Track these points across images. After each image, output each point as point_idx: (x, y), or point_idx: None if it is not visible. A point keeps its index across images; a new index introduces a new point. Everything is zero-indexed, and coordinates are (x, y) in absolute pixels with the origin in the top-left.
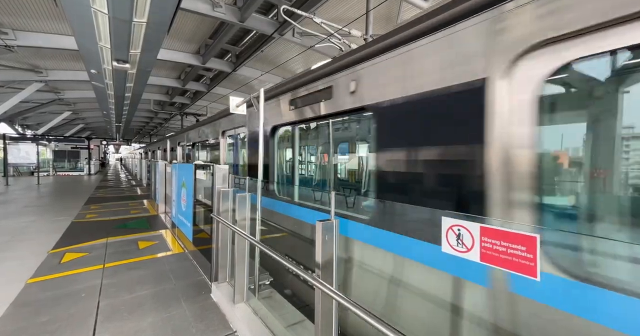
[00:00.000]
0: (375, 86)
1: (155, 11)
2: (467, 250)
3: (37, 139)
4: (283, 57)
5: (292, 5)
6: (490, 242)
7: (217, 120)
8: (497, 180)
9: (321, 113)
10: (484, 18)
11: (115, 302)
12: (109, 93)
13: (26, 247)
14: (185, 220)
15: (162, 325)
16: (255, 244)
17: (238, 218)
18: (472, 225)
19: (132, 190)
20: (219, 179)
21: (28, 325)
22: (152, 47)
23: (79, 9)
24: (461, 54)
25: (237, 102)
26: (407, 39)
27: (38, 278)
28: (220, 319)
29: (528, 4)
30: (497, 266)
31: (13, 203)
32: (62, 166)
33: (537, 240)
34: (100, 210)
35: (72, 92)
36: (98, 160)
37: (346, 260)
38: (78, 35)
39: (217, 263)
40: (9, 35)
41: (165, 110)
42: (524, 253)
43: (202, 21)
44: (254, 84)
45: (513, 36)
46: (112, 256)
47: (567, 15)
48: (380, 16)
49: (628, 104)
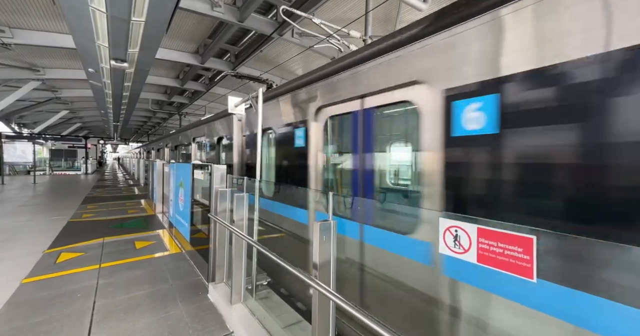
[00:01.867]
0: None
1: (153, 10)
2: (464, 251)
3: (33, 138)
4: (282, 57)
5: (291, 6)
6: (488, 243)
7: (188, 129)
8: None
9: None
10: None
11: (111, 302)
12: (107, 92)
13: (21, 247)
14: (183, 220)
15: (159, 326)
16: (253, 244)
17: (235, 219)
18: (469, 226)
19: (130, 189)
20: (216, 179)
21: (23, 325)
22: (150, 46)
23: (77, 8)
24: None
25: (236, 101)
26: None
27: (33, 278)
28: (217, 320)
29: (319, 88)
30: (494, 267)
31: (8, 203)
32: (58, 165)
33: (533, 241)
34: (96, 209)
35: (69, 91)
36: (95, 159)
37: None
38: (76, 34)
39: (214, 264)
40: (6, 33)
41: (163, 109)
42: (521, 255)
43: (201, 21)
44: (253, 84)
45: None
46: (109, 256)
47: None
48: (379, 17)
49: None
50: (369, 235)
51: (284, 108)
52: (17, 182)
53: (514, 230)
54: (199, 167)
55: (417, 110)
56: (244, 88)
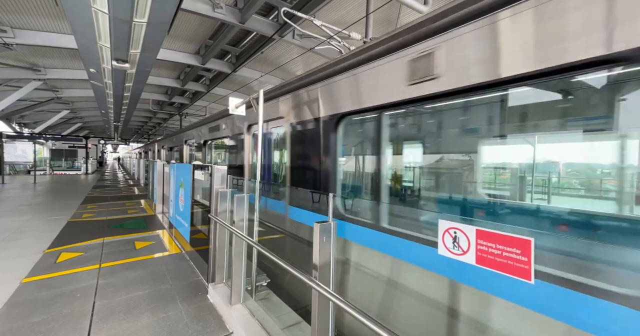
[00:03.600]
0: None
1: (155, 11)
2: (463, 252)
3: (34, 137)
4: (283, 58)
5: (292, 8)
6: (486, 244)
7: (180, 133)
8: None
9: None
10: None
11: (111, 302)
12: (108, 92)
13: (21, 246)
14: (183, 220)
15: (158, 326)
16: (253, 245)
17: (236, 219)
18: (468, 228)
19: (130, 189)
20: (217, 180)
21: (22, 325)
22: (152, 47)
23: (79, 8)
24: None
25: (237, 102)
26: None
27: (33, 278)
28: (217, 320)
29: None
30: (492, 269)
31: (8, 202)
32: (59, 165)
33: (531, 243)
34: (97, 209)
35: (70, 91)
36: (96, 159)
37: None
38: (78, 34)
39: (214, 264)
40: (8, 33)
41: (164, 110)
42: (519, 256)
43: (202, 22)
44: (253, 84)
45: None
46: (109, 256)
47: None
48: (380, 19)
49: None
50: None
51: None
52: (17, 181)
53: (512, 232)
54: (199, 167)
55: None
56: (244, 90)
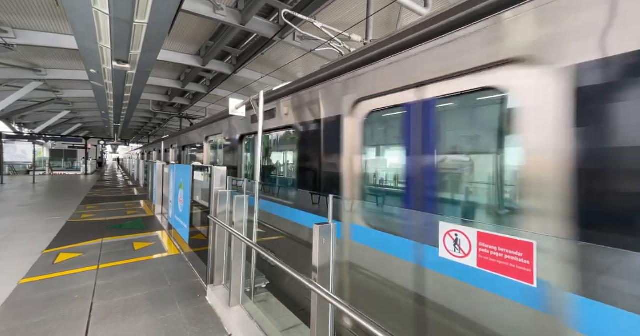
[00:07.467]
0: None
1: (156, 12)
2: (464, 255)
3: (33, 138)
4: (283, 60)
5: (293, 9)
6: (488, 247)
7: (173, 137)
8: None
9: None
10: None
11: (109, 304)
12: (108, 93)
13: (20, 247)
14: (182, 221)
15: (156, 328)
16: (252, 246)
17: (235, 220)
18: (469, 230)
19: (129, 190)
20: (216, 181)
21: (19, 326)
22: (152, 47)
23: (80, 9)
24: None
25: (237, 104)
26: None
27: (31, 279)
28: (216, 322)
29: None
30: (494, 272)
31: (7, 202)
32: (58, 165)
33: (533, 246)
34: (96, 210)
35: (70, 91)
36: (95, 160)
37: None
38: (78, 35)
39: (213, 266)
40: (9, 34)
41: (164, 111)
42: (521, 259)
43: (203, 23)
44: (254, 86)
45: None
46: (107, 257)
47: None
48: (380, 21)
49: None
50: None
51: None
52: (16, 181)
53: (514, 235)
54: (199, 168)
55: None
56: (245, 91)
